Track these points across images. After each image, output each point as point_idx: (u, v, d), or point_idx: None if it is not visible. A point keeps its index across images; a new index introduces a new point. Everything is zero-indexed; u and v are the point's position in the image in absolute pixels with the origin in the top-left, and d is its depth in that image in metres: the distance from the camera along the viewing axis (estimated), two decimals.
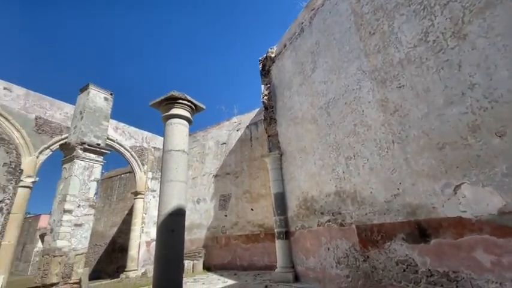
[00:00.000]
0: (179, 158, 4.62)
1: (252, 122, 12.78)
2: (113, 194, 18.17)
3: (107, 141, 11.24)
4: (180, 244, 4.12)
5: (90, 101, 7.55)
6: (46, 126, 9.71)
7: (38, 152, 9.30)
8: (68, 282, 5.99)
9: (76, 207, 6.55)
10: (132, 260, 11.55)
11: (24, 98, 9.32)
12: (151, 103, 5.21)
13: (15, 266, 22.22)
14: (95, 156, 7.28)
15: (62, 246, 6.04)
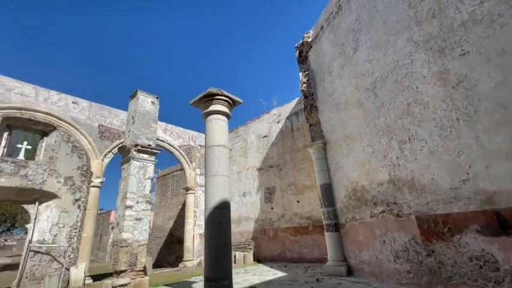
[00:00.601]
0: (220, 152, 4.68)
1: (292, 112, 12.46)
2: (168, 190, 19.75)
3: (158, 142, 12.16)
4: (227, 236, 4.20)
5: (140, 106, 8.21)
6: (107, 133, 10.93)
7: (103, 156, 10.54)
8: (134, 269, 6.71)
9: (135, 203, 7.25)
10: (188, 251, 12.42)
11: (88, 109, 10.61)
12: (191, 102, 5.38)
13: (96, 254, 25.96)
14: (147, 156, 7.93)
15: (126, 238, 6.77)
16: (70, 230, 8.96)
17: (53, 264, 8.37)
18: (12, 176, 8.17)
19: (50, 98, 9.66)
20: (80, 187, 9.56)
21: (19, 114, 8.76)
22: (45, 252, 8.41)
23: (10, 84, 8.85)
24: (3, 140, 8.69)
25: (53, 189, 8.89)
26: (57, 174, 9.11)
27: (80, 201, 9.42)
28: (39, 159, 9.11)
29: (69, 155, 9.58)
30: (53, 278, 7.97)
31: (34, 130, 9.41)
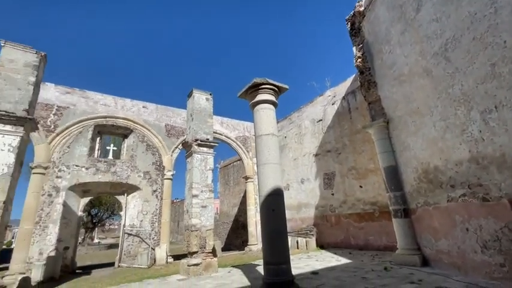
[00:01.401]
0: (269, 141, 4.71)
1: (348, 91, 11.57)
2: (230, 179, 21.06)
3: (215, 135, 12.95)
4: (282, 222, 4.26)
5: (196, 103, 8.86)
6: (173, 131, 12.20)
7: (171, 152, 11.85)
8: (204, 251, 7.47)
9: (200, 192, 7.98)
10: (252, 236, 13.12)
11: (155, 111, 12.01)
12: (239, 94, 5.52)
13: (175, 237, 29.78)
14: (207, 149, 8.57)
15: (195, 223, 7.55)
16: (152, 217, 10.48)
17: (142, 245, 9.99)
18: (106, 172, 9.95)
19: (126, 105, 11.26)
20: (156, 180, 11.01)
21: (105, 121, 10.52)
22: (135, 235, 10.08)
23: (96, 97, 10.65)
24: (97, 144, 10.59)
25: (136, 183, 10.48)
26: (138, 169, 10.68)
27: (157, 192, 10.87)
28: (123, 158, 10.83)
29: (145, 153, 11.08)
30: (143, 255, 9.53)
31: (117, 133, 11.18)
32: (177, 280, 6.68)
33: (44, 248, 8.28)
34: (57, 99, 9.72)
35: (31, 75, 6.39)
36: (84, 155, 9.69)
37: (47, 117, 9.32)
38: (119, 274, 8.23)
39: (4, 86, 5.99)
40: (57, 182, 9.00)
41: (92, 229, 28.04)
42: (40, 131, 9.00)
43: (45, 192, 8.73)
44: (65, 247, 8.93)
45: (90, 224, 26.82)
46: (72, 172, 9.33)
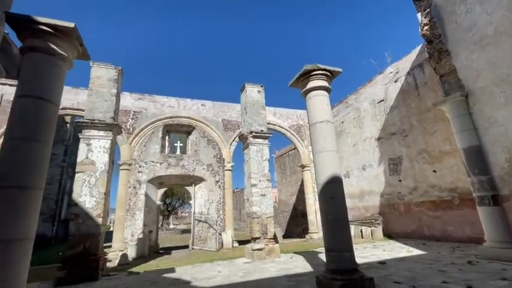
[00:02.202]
0: (324, 128, 4.59)
1: (414, 65, 10.24)
2: (286, 168, 21.19)
3: (269, 126, 13.14)
4: (342, 210, 4.16)
5: (248, 97, 9.14)
6: (229, 125, 12.88)
7: (229, 144, 12.56)
8: (266, 237, 7.83)
9: (258, 181, 8.32)
10: (312, 224, 13.06)
11: (212, 108, 12.84)
12: (290, 83, 5.49)
13: (238, 224, 31.69)
14: (261, 140, 8.81)
15: (256, 210, 7.95)
16: (217, 205, 11.40)
17: (210, 230, 11.00)
18: (175, 166, 11.20)
19: (187, 105, 12.34)
20: (218, 171, 11.87)
21: (171, 121, 11.78)
22: (204, 221, 11.16)
23: (163, 100, 11.96)
24: (166, 142, 11.97)
25: (201, 174, 11.52)
26: (201, 162, 11.69)
27: (219, 182, 11.74)
28: (189, 153, 11.98)
29: (207, 147, 12.03)
30: (212, 240, 10.51)
31: (182, 131, 12.40)
32: (243, 263, 7.19)
33: (134, 230, 9.92)
34: (132, 105, 11.30)
35: (113, 88, 7.58)
36: (157, 152, 11.10)
37: (127, 122, 10.95)
38: (193, 255, 9.30)
39: (95, 99, 7.27)
40: (139, 176, 10.57)
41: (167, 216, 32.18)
42: (123, 134, 10.65)
43: (131, 185, 10.37)
44: (149, 231, 10.52)
45: (166, 211, 30.80)
46: (149, 167, 10.81)
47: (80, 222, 6.20)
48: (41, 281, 6.09)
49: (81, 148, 6.71)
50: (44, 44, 3.55)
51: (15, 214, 2.94)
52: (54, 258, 8.99)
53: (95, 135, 6.87)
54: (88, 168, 6.61)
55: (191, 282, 5.39)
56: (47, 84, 3.53)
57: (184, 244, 12.39)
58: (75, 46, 3.90)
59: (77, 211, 6.27)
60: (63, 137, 17.90)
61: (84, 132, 6.82)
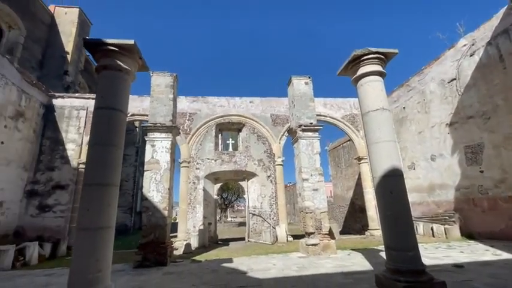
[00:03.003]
0: (379, 117, 4.20)
1: (497, 32, 8.52)
2: (341, 161, 20.16)
3: (320, 117, 12.66)
4: (403, 205, 3.77)
5: (295, 89, 8.95)
6: (278, 119, 12.87)
7: (279, 139, 12.57)
8: (321, 232, 7.62)
9: (310, 176, 8.12)
10: (372, 220, 12.17)
11: (260, 104, 13.01)
12: (338, 72, 5.17)
13: (293, 218, 31.61)
14: (311, 133, 8.55)
15: (308, 205, 7.79)
16: (269, 199, 11.58)
17: (264, 224, 11.26)
18: (229, 163, 11.76)
19: (236, 103, 12.78)
20: (269, 166, 12.03)
21: (222, 120, 12.39)
22: (257, 215, 11.48)
23: (214, 101, 12.65)
24: (219, 139, 12.64)
25: (252, 169, 11.84)
26: (253, 158, 12.00)
27: (271, 177, 11.88)
28: (240, 149, 12.43)
29: (257, 143, 12.28)
30: (266, 233, 10.75)
31: (233, 129, 12.92)
32: (298, 257, 7.17)
33: (195, 222, 10.83)
34: (188, 107, 12.25)
35: (170, 93, 8.34)
36: (212, 149, 11.83)
37: (184, 123, 11.94)
38: (249, 247, 9.68)
39: (156, 105, 8.12)
40: (197, 173, 11.45)
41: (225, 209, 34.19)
42: (181, 134, 11.66)
43: (190, 181, 11.32)
44: (209, 223, 11.34)
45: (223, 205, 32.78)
46: (206, 164, 11.60)
47: (150, 214, 7.06)
48: (124, 263, 7.18)
49: (147, 149, 7.62)
50: (112, 62, 4.09)
51: (98, 207, 3.51)
52: (133, 244, 10.46)
53: (158, 137, 7.70)
54: (154, 166, 7.46)
55: (247, 272, 5.62)
56: (117, 96, 4.09)
57: (241, 236, 12.97)
58: (136, 60, 4.40)
59: (147, 204, 7.16)
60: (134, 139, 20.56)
61: (149, 135, 7.70)
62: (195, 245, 9.81)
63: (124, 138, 4.24)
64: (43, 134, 10.76)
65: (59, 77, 15.41)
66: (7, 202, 9.12)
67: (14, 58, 12.62)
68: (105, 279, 3.42)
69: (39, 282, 5.48)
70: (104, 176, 3.67)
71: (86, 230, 3.42)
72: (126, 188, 19.88)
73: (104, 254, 3.46)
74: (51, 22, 16.56)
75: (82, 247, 3.37)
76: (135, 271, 6.21)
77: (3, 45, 13.62)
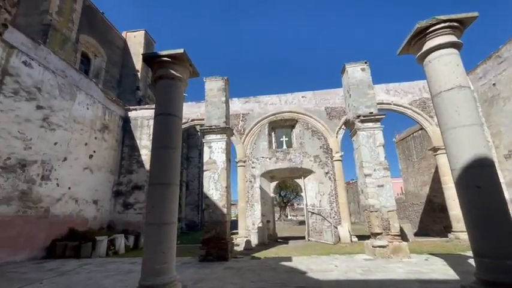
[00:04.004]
0: (455, 97, 3.48)
1: None
2: (411, 154, 17.80)
3: (383, 105, 11.42)
4: (497, 202, 3.02)
5: (350, 78, 8.23)
6: (333, 112, 12.13)
7: (335, 133, 11.82)
8: (389, 233, 6.80)
9: (373, 171, 7.34)
10: (457, 221, 10.31)
11: (313, 98, 12.47)
12: (398, 51, 4.53)
13: (357, 217, 29.45)
14: (372, 124, 7.73)
15: (373, 203, 7.05)
16: (328, 197, 11.00)
17: (325, 223, 10.74)
18: (283, 160, 11.64)
19: (288, 100, 12.56)
20: (326, 162, 11.43)
21: (275, 118, 12.34)
22: (317, 213, 11.04)
23: (265, 99, 12.70)
24: (273, 138, 12.63)
25: (308, 166, 11.44)
26: (308, 154, 11.59)
27: (329, 174, 11.27)
28: (294, 146, 12.16)
29: (312, 139, 11.82)
30: (327, 232, 10.23)
31: (285, 126, 12.74)
32: (363, 259, 6.58)
33: (254, 220, 11.06)
34: (241, 108, 12.61)
35: (223, 96, 8.70)
36: (266, 148, 11.89)
37: (238, 124, 12.33)
38: (309, 246, 9.37)
39: (211, 108, 8.58)
40: (253, 171, 11.68)
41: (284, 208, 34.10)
42: (236, 135, 12.07)
43: (247, 179, 11.62)
44: (267, 220, 11.44)
45: (281, 203, 32.73)
46: (261, 162, 11.74)
47: (211, 212, 7.49)
48: (191, 256, 7.80)
49: (205, 150, 8.11)
50: (166, 72, 4.44)
51: (161, 204, 3.84)
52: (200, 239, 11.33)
53: (214, 139, 8.12)
54: (212, 166, 7.89)
55: (307, 272, 5.41)
56: (172, 103, 4.42)
57: (301, 235, 12.69)
58: (187, 67, 4.68)
59: (208, 202, 7.61)
60: (197, 143, 22.29)
61: (206, 137, 8.19)
62: (255, 242, 10.02)
63: (181, 140, 4.56)
64: (123, 142, 12.60)
65: (132, 93, 17.89)
66: (100, 201, 11.00)
67: (99, 81, 15.17)
68: (170, 270, 3.72)
69: (124, 269, 6.37)
70: (165, 176, 4.00)
71: (152, 225, 3.79)
72: (193, 187, 21.76)
73: (168, 247, 3.76)
74: (124, 46, 19.35)
75: (150, 240, 3.74)
76: (200, 264, 6.67)
77: (91, 71, 16.52)
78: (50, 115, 8.67)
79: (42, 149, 8.38)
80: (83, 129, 10.17)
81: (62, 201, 9.07)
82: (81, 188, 9.97)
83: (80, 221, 9.78)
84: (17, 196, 7.53)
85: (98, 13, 17.47)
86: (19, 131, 7.65)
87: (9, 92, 7.44)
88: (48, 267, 6.67)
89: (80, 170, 9.96)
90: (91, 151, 10.54)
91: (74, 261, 7.56)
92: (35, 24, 12.16)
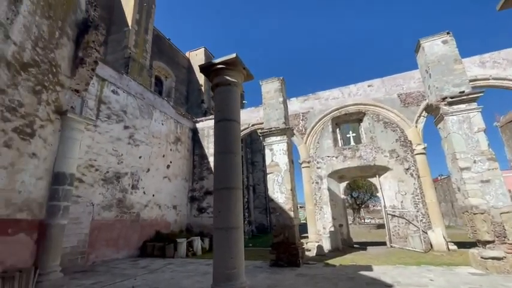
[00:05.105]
0: None
1: None
2: None
3: (476, 82, 9.29)
4: None
5: (428, 54, 6.89)
6: (409, 98, 10.47)
7: (414, 122, 10.14)
8: (506, 242, 5.25)
9: (472, 163, 5.86)
10: None
11: (382, 85, 11.06)
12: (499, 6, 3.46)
13: (452, 220, 24.72)
14: (464, 106, 6.24)
15: (476, 203, 5.59)
16: (412, 197, 9.46)
17: (410, 227, 9.24)
18: (352, 158, 10.61)
19: (351, 92, 11.50)
20: (405, 157, 9.91)
21: (338, 113, 11.42)
22: (399, 216, 9.60)
23: (325, 94, 11.93)
24: (338, 134, 11.71)
25: (383, 163, 10.11)
26: (381, 150, 10.28)
27: (410, 170, 9.72)
28: (364, 142, 10.98)
29: (384, 131, 10.46)
30: (415, 238, 8.76)
31: (351, 120, 11.65)
32: (469, 273, 5.30)
33: (324, 224, 10.36)
34: (299, 107, 12.16)
35: (280, 97, 8.51)
36: (331, 146, 11.09)
37: (298, 124, 11.91)
38: (393, 254, 8.17)
39: (269, 111, 8.49)
40: (318, 172, 11.02)
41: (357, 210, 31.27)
42: (297, 135, 11.67)
43: (313, 181, 11.03)
44: (339, 224, 10.57)
45: (354, 205, 30.09)
46: (326, 162, 10.99)
47: (278, 215, 7.30)
48: (262, 260, 7.75)
49: (266, 153, 8.03)
50: (222, 79, 4.50)
51: (226, 208, 3.83)
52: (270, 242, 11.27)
53: (274, 141, 7.97)
54: (274, 169, 7.74)
55: (393, 286, 4.65)
56: (229, 108, 4.44)
57: (381, 240, 11.29)
58: (241, 71, 4.65)
59: (274, 205, 7.46)
60: (260, 147, 22.66)
61: (266, 140, 8.11)
62: (328, 247, 9.35)
63: (240, 145, 4.53)
64: (193, 152, 13.74)
65: (198, 106, 19.54)
66: (179, 206, 12.16)
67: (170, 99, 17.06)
68: (240, 276, 3.64)
69: (202, 270, 6.74)
70: (228, 181, 4.00)
71: (219, 229, 3.80)
72: (259, 191, 22.16)
73: (236, 252, 3.70)
74: (188, 65, 21.42)
75: (218, 245, 3.76)
76: (271, 269, 6.52)
77: (164, 91, 18.76)
78: (134, 133, 10.07)
79: (131, 162, 9.77)
80: (160, 143, 11.49)
81: (148, 207, 10.37)
82: (162, 194, 11.22)
83: (164, 224, 10.99)
84: (115, 203, 8.92)
85: (166, 40, 19.84)
86: (113, 149, 9.10)
87: (104, 117, 8.95)
88: (141, 265, 7.61)
89: (160, 179, 11.24)
90: (168, 162, 11.80)
91: (160, 260, 8.46)
92: (119, 58, 14.55)
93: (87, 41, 6.23)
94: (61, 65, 5.81)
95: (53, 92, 5.56)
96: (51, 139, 5.48)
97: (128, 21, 15.44)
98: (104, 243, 8.29)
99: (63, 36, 5.91)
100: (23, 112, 4.87)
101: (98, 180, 8.43)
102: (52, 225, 5.21)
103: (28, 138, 4.95)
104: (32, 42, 5.11)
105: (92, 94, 8.50)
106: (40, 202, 5.15)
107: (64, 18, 5.92)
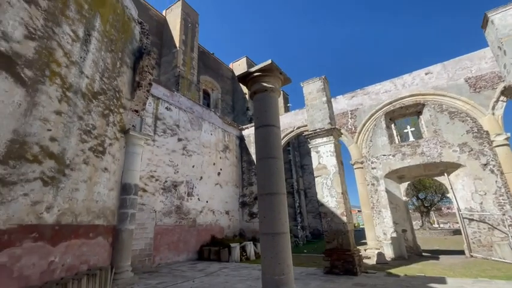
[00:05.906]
0: None
1: None
2: None
3: None
4: None
5: (500, 27, 5.79)
6: (480, 82, 8.93)
7: (490, 109, 8.58)
8: None
9: None
10: None
11: (443, 71, 9.69)
12: None
13: None
14: None
15: None
16: (495, 197, 7.96)
17: (495, 233, 7.76)
18: (413, 155, 9.50)
19: (406, 82, 10.38)
20: (481, 150, 8.44)
21: (392, 107, 10.41)
22: (479, 220, 8.16)
23: (375, 88, 11.03)
24: (393, 130, 10.66)
25: (452, 159, 8.79)
26: (448, 144, 8.97)
27: (489, 166, 8.23)
28: (425, 136, 9.73)
29: (450, 123, 9.13)
30: (503, 246, 7.32)
31: (408, 114, 10.48)
32: None
33: (385, 229, 9.45)
34: (347, 105, 11.48)
35: (323, 96, 8.19)
36: (386, 143, 10.14)
37: (347, 123, 11.24)
38: (474, 265, 6.95)
39: (312, 112, 8.24)
40: (374, 172, 10.16)
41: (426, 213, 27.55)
42: (347, 135, 11.02)
43: (368, 183, 10.21)
44: (403, 229, 9.50)
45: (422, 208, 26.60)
46: (382, 161, 10.07)
47: (329, 220, 6.95)
48: (316, 266, 7.44)
49: (313, 156, 7.76)
50: (259, 86, 4.56)
51: (271, 214, 3.81)
52: None
53: (320, 142, 7.66)
54: (322, 172, 7.42)
55: None
56: (268, 114, 4.45)
57: (457, 249, 9.78)
58: (277, 76, 4.64)
59: (324, 210, 7.13)
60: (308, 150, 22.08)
61: (312, 142, 7.85)
62: (390, 255, 8.49)
63: (281, 149, 4.48)
64: (241, 159, 14.15)
65: (244, 114, 20.16)
66: (231, 211, 12.61)
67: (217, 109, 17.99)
68: (289, 282, 3.55)
69: (254, 275, 6.81)
70: (270, 186, 3.98)
71: (265, 235, 3.80)
72: (311, 195, 21.49)
73: (283, 258, 3.64)
74: (232, 75, 22.34)
75: (265, 250, 3.75)
76: (325, 277, 6.21)
77: (211, 103, 19.92)
78: (186, 144, 10.90)
79: (185, 171, 10.57)
80: (210, 152, 12.16)
81: (203, 213, 11.01)
82: (215, 201, 11.80)
83: (218, 229, 11.51)
84: (174, 210, 9.73)
85: (210, 55, 21.15)
86: (169, 160, 9.99)
87: (160, 132, 9.92)
88: (199, 268, 8.09)
89: (212, 186, 11.86)
90: (218, 169, 12.40)
91: (216, 264, 8.86)
92: (171, 77, 16.05)
93: (142, 65, 7.04)
94: (123, 90, 6.69)
95: (117, 114, 6.42)
96: (118, 155, 6.30)
97: (176, 43, 16.98)
98: (166, 246, 9.09)
99: (123, 65, 6.80)
100: (96, 133, 5.72)
101: (158, 189, 9.34)
102: (122, 230, 5.95)
103: (101, 156, 5.79)
104: (100, 73, 6.01)
105: (149, 112, 9.53)
106: (112, 210, 5.94)
107: (123, 50, 6.82)
